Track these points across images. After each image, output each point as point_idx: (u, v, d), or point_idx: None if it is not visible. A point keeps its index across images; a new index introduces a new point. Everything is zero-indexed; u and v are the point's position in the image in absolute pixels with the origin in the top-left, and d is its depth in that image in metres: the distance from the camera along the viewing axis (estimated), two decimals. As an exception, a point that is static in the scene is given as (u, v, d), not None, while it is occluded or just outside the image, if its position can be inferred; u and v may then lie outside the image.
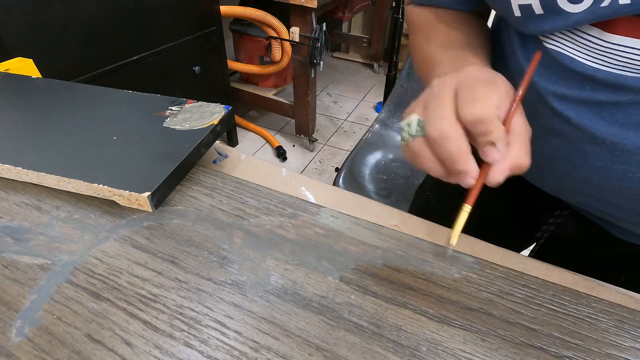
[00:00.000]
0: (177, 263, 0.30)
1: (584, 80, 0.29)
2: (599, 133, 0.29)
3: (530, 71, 0.28)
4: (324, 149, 1.87)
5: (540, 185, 0.40)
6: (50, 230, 0.32)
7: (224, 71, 1.55)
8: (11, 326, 0.25)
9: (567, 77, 0.30)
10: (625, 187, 0.30)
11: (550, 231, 0.46)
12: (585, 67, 0.28)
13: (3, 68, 0.50)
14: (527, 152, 0.25)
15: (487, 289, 0.29)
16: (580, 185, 0.33)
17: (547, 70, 0.31)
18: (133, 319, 0.26)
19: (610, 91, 0.28)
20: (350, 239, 0.33)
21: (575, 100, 0.30)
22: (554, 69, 0.30)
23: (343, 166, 1.00)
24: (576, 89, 0.29)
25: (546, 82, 0.31)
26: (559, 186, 0.36)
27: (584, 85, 0.29)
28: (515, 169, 0.24)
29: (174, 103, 0.43)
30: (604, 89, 0.28)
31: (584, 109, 0.29)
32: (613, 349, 0.26)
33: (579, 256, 0.43)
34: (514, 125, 0.25)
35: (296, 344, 0.25)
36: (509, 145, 0.24)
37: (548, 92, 0.31)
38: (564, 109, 0.30)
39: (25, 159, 0.35)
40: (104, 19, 1.01)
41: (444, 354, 0.25)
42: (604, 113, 0.29)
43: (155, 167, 0.34)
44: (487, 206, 0.52)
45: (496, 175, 0.24)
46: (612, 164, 0.30)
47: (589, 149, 0.30)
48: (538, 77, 0.32)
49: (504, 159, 0.24)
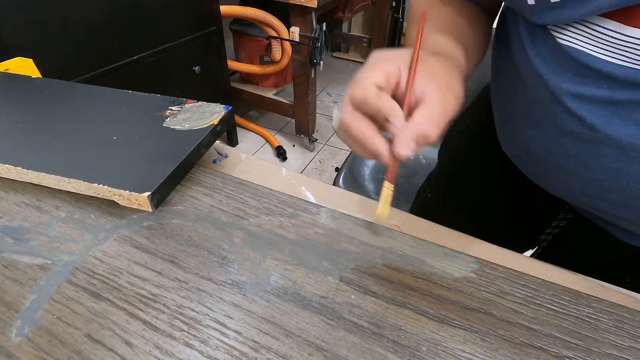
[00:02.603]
0: (177, 263, 0.30)
1: (601, 78, 0.27)
2: (615, 133, 0.28)
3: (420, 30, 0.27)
4: (324, 148, 1.87)
5: (545, 186, 0.39)
6: (50, 230, 0.32)
7: (224, 71, 1.54)
8: (11, 326, 0.25)
9: (582, 75, 0.28)
10: (638, 189, 0.29)
11: (554, 234, 0.46)
12: (603, 63, 0.27)
13: (3, 68, 0.50)
14: (433, 121, 0.25)
15: (487, 289, 0.29)
16: (589, 186, 0.32)
17: (561, 66, 0.29)
18: (133, 318, 0.26)
19: (629, 89, 0.26)
20: (350, 239, 0.33)
21: (590, 99, 0.28)
22: (568, 65, 0.29)
23: (343, 166, 1.00)
24: (592, 88, 0.28)
25: (560, 81, 0.30)
26: (566, 187, 0.35)
27: (601, 84, 0.27)
28: (421, 139, 0.24)
29: (174, 103, 0.43)
30: (623, 87, 0.26)
31: (600, 108, 0.28)
32: (613, 348, 0.26)
33: (582, 259, 0.43)
34: (422, 96, 0.25)
35: (296, 344, 0.25)
36: (411, 117, 0.25)
37: (561, 91, 0.30)
38: (578, 109, 0.29)
39: (25, 158, 0.35)
40: (104, 18, 1.01)
41: (444, 354, 0.25)
42: (621, 112, 0.27)
43: (155, 167, 0.34)
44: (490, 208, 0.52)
45: (399, 149, 0.24)
46: (626, 165, 0.29)
47: (603, 150, 0.29)
48: (550, 75, 0.30)
49: (403, 131, 0.24)
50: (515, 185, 0.46)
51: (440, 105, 0.25)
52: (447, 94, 0.26)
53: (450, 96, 0.26)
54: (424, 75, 0.26)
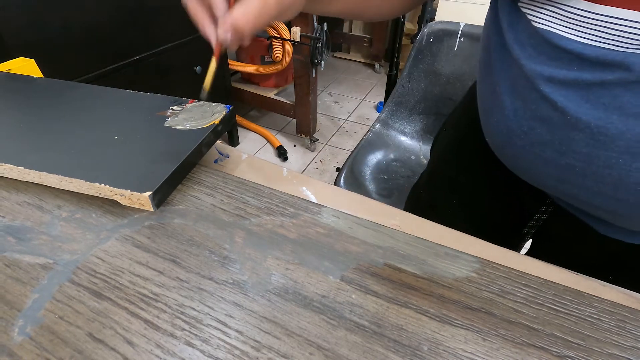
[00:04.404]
0: (178, 262, 0.30)
1: (572, 59, 0.29)
2: (584, 117, 0.29)
3: None
4: (325, 148, 1.87)
5: (525, 177, 0.39)
6: (52, 229, 0.32)
7: (225, 71, 1.55)
8: (13, 325, 0.25)
9: (555, 58, 0.30)
10: (608, 175, 0.30)
11: (537, 227, 0.47)
12: (574, 44, 0.28)
13: (5, 68, 0.50)
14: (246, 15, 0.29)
15: (489, 289, 0.29)
16: (563, 173, 0.33)
17: (536, 50, 0.31)
18: (134, 318, 0.26)
19: (597, 70, 0.27)
20: (352, 238, 0.33)
21: (562, 82, 0.30)
22: (543, 49, 0.30)
23: (344, 166, 1.00)
24: (564, 70, 0.29)
25: (535, 64, 0.31)
26: (543, 175, 0.36)
27: (572, 65, 0.29)
28: (234, 31, 0.29)
29: (175, 103, 0.43)
30: (591, 67, 0.28)
31: (571, 91, 0.29)
32: (615, 348, 0.26)
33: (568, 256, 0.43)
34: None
35: (297, 344, 0.25)
36: (232, 9, 0.29)
37: (536, 75, 0.31)
38: (551, 92, 0.30)
39: (27, 158, 0.35)
40: (106, 19, 1.01)
41: (445, 354, 0.25)
42: (590, 96, 0.28)
43: (157, 167, 0.34)
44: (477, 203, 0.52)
45: (220, 33, 0.30)
46: (596, 149, 0.29)
47: (573, 135, 0.30)
48: (527, 60, 0.32)
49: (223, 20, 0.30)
50: (501, 179, 0.46)
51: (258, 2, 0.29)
52: None
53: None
54: None
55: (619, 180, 0.30)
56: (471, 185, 0.52)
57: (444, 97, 1.05)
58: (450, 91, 1.04)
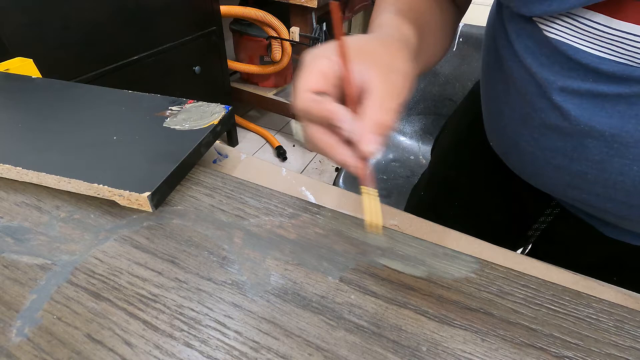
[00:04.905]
0: (177, 263, 0.30)
1: (588, 72, 0.27)
2: (599, 125, 0.28)
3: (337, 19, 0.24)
4: (324, 148, 1.87)
5: (532, 181, 0.39)
6: (51, 230, 0.32)
7: (224, 71, 1.55)
8: (11, 326, 0.25)
9: (569, 69, 0.28)
10: (620, 182, 0.30)
11: (541, 230, 0.46)
12: (591, 57, 0.27)
13: (3, 68, 0.50)
14: (385, 107, 0.23)
15: (487, 289, 0.29)
16: (574, 179, 0.33)
17: (549, 60, 0.30)
18: (133, 319, 0.26)
19: (614, 83, 0.26)
20: (351, 239, 0.33)
21: (576, 92, 0.29)
22: (556, 59, 0.29)
23: (343, 166, 1.00)
24: (578, 81, 0.28)
25: (548, 74, 0.30)
26: (552, 181, 0.36)
27: (587, 77, 0.28)
28: (380, 129, 0.23)
29: (174, 103, 0.43)
30: (609, 81, 0.27)
31: (585, 101, 0.28)
32: (613, 349, 0.26)
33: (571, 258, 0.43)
34: (364, 85, 0.24)
35: (296, 344, 0.25)
36: (362, 111, 0.23)
37: (548, 84, 0.30)
38: (564, 102, 0.29)
39: (26, 158, 0.35)
40: (104, 18, 1.01)
41: (444, 354, 0.25)
42: (605, 104, 0.28)
43: (156, 167, 0.34)
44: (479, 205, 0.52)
45: (363, 147, 0.23)
46: (609, 157, 0.29)
47: (587, 142, 0.30)
48: (539, 68, 0.30)
49: (359, 130, 0.23)
50: (503, 181, 0.46)
51: (386, 88, 0.24)
52: (390, 74, 0.24)
53: (395, 75, 0.25)
54: (362, 62, 0.25)
55: (633, 186, 0.29)
56: (473, 188, 0.52)
57: (443, 97, 1.05)
58: (449, 91, 1.04)
